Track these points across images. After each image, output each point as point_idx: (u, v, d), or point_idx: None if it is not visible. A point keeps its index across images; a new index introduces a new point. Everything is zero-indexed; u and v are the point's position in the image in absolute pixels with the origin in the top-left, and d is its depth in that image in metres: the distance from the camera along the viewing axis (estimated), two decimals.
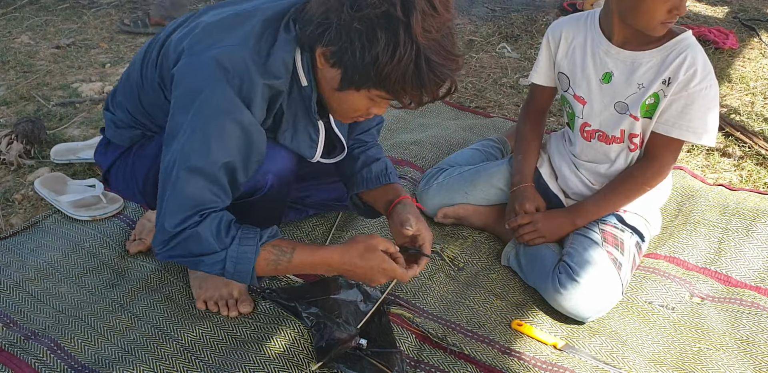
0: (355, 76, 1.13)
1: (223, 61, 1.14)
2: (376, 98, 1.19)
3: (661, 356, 1.46)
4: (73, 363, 1.38)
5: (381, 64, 1.08)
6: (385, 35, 1.07)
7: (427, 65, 1.09)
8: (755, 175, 2.18)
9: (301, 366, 1.38)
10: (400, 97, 1.16)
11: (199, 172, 1.17)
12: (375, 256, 1.26)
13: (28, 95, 2.64)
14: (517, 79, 2.94)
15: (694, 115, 1.51)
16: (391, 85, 1.12)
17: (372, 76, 1.11)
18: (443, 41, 1.11)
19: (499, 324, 1.53)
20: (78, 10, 3.66)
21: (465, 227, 1.86)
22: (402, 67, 1.08)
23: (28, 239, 1.79)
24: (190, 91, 1.17)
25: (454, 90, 1.19)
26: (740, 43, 3.34)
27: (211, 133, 1.15)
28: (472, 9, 3.89)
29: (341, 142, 1.47)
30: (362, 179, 1.52)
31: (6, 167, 2.13)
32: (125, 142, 1.46)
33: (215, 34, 1.20)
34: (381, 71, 1.09)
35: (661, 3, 1.40)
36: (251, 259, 1.20)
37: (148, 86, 1.32)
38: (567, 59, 1.67)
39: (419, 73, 1.10)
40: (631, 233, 1.62)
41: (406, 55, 1.07)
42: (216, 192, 1.20)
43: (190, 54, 1.19)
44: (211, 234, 1.18)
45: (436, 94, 1.17)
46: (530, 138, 1.80)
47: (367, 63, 1.09)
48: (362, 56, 1.09)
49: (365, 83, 1.14)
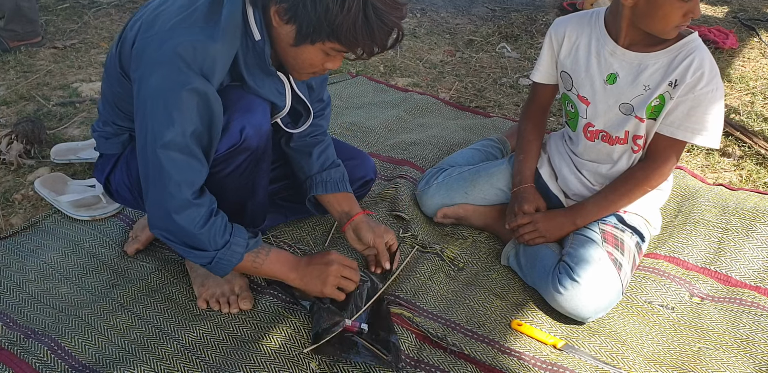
0: (309, 29, 1.20)
1: (174, 46, 1.18)
2: (330, 51, 1.25)
3: (660, 355, 1.46)
4: (74, 363, 1.38)
5: (332, 14, 1.15)
6: None
7: (375, 13, 1.17)
8: (755, 175, 2.18)
9: (301, 365, 1.38)
10: (353, 48, 1.23)
11: (173, 147, 1.23)
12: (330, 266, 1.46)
13: (28, 95, 2.64)
14: (517, 79, 2.95)
15: (700, 117, 1.51)
16: (343, 35, 1.19)
17: (325, 28, 1.18)
18: None
19: (499, 324, 1.53)
20: (78, 10, 3.66)
21: (465, 227, 1.86)
22: (352, 16, 1.15)
23: (28, 240, 1.79)
24: (145, 75, 1.22)
25: (401, 38, 1.25)
26: (740, 42, 3.34)
27: (171, 107, 1.20)
28: (472, 9, 3.90)
29: (306, 107, 1.52)
30: (321, 182, 1.63)
31: (6, 167, 2.13)
32: (117, 149, 1.50)
33: (163, 20, 1.23)
34: (333, 22, 1.16)
35: (678, 8, 1.39)
36: (234, 263, 1.35)
37: (116, 85, 1.37)
38: (570, 58, 1.66)
39: (368, 20, 1.17)
40: (632, 233, 1.62)
41: (355, 4, 1.15)
42: (194, 165, 1.27)
43: (145, 38, 1.23)
44: (210, 237, 1.30)
45: (385, 44, 1.23)
46: (531, 138, 1.80)
47: (319, 15, 1.16)
48: (314, 9, 1.16)
49: (319, 36, 1.21)
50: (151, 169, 1.25)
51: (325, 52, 1.25)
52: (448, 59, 3.18)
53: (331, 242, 1.78)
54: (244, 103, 1.34)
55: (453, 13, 3.82)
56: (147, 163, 1.26)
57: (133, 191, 1.50)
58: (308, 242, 1.77)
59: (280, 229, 1.80)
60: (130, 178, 1.49)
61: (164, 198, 1.26)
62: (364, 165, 1.78)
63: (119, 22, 3.51)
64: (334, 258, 1.48)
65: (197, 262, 1.34)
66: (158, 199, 1.27)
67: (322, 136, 1.67)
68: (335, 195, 1.64)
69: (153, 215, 1.31)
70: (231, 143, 1.33)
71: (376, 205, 1.91)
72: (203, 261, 1.33)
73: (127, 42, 1.29)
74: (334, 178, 1.64)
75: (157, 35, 1.21)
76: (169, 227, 1.29)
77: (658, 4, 1.41)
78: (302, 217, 1.84)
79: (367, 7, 1.16)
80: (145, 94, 1.22)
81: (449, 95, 2.80)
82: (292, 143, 1.65)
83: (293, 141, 1.65)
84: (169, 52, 1.18)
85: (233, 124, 1.32)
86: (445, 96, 2.79)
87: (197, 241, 1.30)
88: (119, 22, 3.52)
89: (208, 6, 1.23)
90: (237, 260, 1.35)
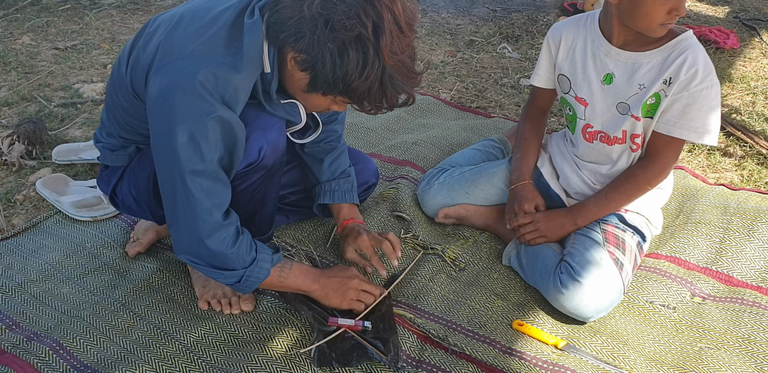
0: (324, 84, 1.22)
1: (196, 74, 1.17)
2: (339, 102, 1.29)
3: (662, 355, 1.46)
4: (76, 363, 1.38)
5: (350, 79, 1.18)
6: (356, 55, 1.15)
7: (391, 83, 1.20)
8: (756, 174, 2.18)
9: (302, 366, 1.38)
10: (362, 106, 1.26)
11: (201, 174, 1.23)
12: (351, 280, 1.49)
13: (29, 96, 2.64)
14: (518, 80, 2.95)
15: (696, 114, 1.51)
16: (357, 96, 1.22)
17: (340, 87, 1.20)
18: (406, 61, 1.20)
19: (500, 324, 1.53)
20: (79, 10, 3.67)
21: (466, 227, 1.86)
22: (369, 83, 1.18)
23: (29, 240, 1.79)
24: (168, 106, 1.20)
25: (411, 102, 1.28)
26: (741, 42, 3.34)
27: (197, 136, 1.20)
28: (472, 9, 3.90)
29: (315, 119, 1.53)
30: (330, 191, 1.67)
31: (8, 168, 2.14)
32: (123, 161, 1.50)
33: (183, 45, 1.22)
34: (349, 85, 1.19)
35: (660, 5, 1.39)
36: (261, 279, 1.36)
37: (125, 102, 1.36)
38: (567, 61, 1.67)
39: (383, 88, 1.20)
40: (633, 232, 1.62)
41: (374, 73, 1.17)
42: (222, 189, 1.28)
43: (163, 65, 1.21)
44: (239, 256, 1.31)
45: (394, 105, 1.26)
46: (530, 137, 1.80)
47: (336, 77, 1.18)
48: (333, 70, 1.17)
49: (332, 91, 1.24)
50: (180, 197, 1.25)
51: (334, 101, 1.29)
52: (449, 60, 3.19)
53: (333, 243, 1.78)
54: (261, 121, 1.34)
55: (454, 14, 3.82)
56: (174, 191, 1.25)
57: (140, 203, 1.50)
58: (309, 242, 1.78)
59: (281, 230, 1.80)
60: (138, 190, 1.48)
61: (196, 224, 1.26)
62: (367, 170, 1.80)
63: (120, 23, 3.52)
64: (355, 273, 1.51)
65: (226, 282, 1.34)
66: (189, 225, 1.27)
67: (335, 143, 1.68)
68: (341, 204, 1.68)
69: (183, 241, 1.31)
70: (249, 162, 1.34)
71: (378, 205, 1.91)
72: (232, 280, 1.33)
73: (141, 65, 1.27)
74: (342, 188, 1.68)
75: (176, 62, 1.20)
76: (200, 252, 1.29)
77: (640, 1, 1.41)
78: (303, 218, 1.85)
79: (384, 76, 1.18)
80: (170, 125, 1.20)
81: (450, 96, 2.80)
82: (306, 149, 1.66)
83: (307, 146, 1.66)
84: (191, 80, 1.17)
85: (252, 143, 1.32)
86: (446, 96, 2.79)
87: (227, 261, 1.30)
88: (120, 23, 3.53)
89: (228, 31, 1.22)
90: (264, 276, 1.35)
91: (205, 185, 1.24)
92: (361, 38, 1.13)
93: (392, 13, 1.14)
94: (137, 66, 1.28)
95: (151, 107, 1.23)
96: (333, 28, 1.13)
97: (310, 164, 1.68)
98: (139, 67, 1.28)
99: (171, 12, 1.32)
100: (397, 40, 1.16)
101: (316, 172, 1.68)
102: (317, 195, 1.69)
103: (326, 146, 1.66)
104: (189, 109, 1.18)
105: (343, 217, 1.68)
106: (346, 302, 1.48)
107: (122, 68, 1.34)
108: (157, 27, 1.29)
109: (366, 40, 1.13)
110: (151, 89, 1.22)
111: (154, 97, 1.21)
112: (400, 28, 1.16)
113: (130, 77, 1.31)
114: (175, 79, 1.19)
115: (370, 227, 1.82)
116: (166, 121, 1.20)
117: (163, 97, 1.19)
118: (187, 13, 1.27)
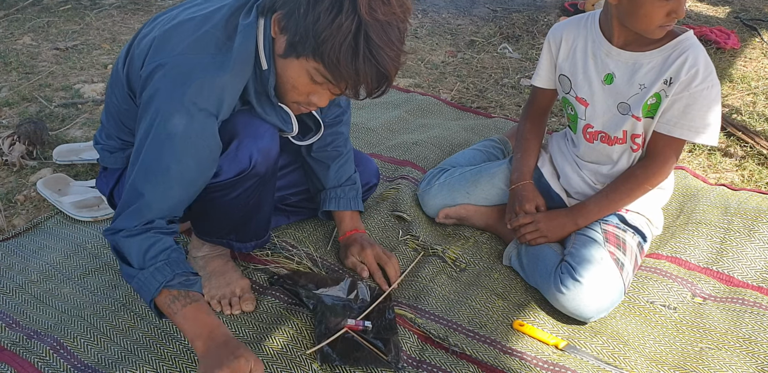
0: (296, 38, 1.15)
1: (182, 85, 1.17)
2: (315, 75, 1.19)
3: (662, 355, 1.46)
4: (76, 363, 1.38)
5: (320, 26, 1.10)
6: (330, 2, 1.09)
7: (365, 41, 1.11)
8: (757, 175, 2.18)
9: (303, 366, 1.38)
10: (336, 75, 1.16)
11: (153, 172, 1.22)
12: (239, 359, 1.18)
13: (30, 96, 2.65)
14: (519, 80, 2.95)
15: (696, 114, 1.51)
16: (327, 54, 1.12)
17: (311, 39, 1.12)
18: (387, 27, 1.13)
19: (500, 324, 1.53)
20: (80, 11, 3.67)
21: (466, 228, 1.86)
22: (340, 34, 1.10)
23: (30, 241, 1.79)
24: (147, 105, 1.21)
25: (386, 87, 1.20)
26: (742, 43, 3.34)
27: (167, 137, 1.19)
28: (473, 9, 3.90)
29: (316, 121, 1.51)
30: (335, 198, 1.67)
31: (8, 168, 2.14)
32: (122, 163, 1.49)
33: (174, 42, 1.22)
34: (319, 34, 1.11)
35: (659, 7, 1.40)
36: (150, 291, 1.21)
37: (122, 102, 1.36)
38: (568, 62, 1.67)
39: (356, 46, 1.11)
40: (633, 233, 1.62)
41: (346, 22, 1.09)
42: (168, 193, 1.24)
43: (153, 61, 1.21)
44: (138, 250, 1.21)
45: (371, 85, 1.18)
46: (530, 137, 1.80)
47: (308, 23, 1.11)
48: (305, 16, 1.12)
49: (304, 48, 1.15)
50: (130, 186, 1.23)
51: (310, 74, 1.20)
52: (449, 60, 3.19)
53: (333, 244, 1.78)
54: (253, 128, 1.32)
55: (454, 14, 3.82)
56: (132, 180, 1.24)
57: None
58: (309, 243, 1.78)
59: (282, 230, 1.80)
60: None
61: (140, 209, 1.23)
62: (368, 171, 1.80)
63: (121, 24, 3.52)
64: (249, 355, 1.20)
65: (127, 280, 1.25)
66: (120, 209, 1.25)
67: (342, 148, 1.67)
68: (345, 212, 1.69)
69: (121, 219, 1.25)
70: (240, 169, 1.32)
71: (378, 205, 1.91)
72: (129, 280, 1.24)
73: (136, 60, 1.27)
74: (348, 196, 1.68)
75: (166, 60, 1.20)
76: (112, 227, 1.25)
77: (639, 3, 1.41)
78: (304, 218, 1.85)
79: (359, 31, 1.10)
80: (146, 123, 1.21)
81: (451, 96, 2.80)
82: (313, 153, 1.65)
83: (313, 151, 1.65)
84: (178, 83, 1.17)
85: (242, 150, 1.31)
86: (446, 97, 2.79)
87: (128, 252, 1.22)
88: (121, 23, 3.53)
89: (221, 29, 1.22)
90: (153, 289, 1.20)
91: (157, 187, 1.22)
92: None
93: None
94: (132, 64, 1.29)
95: (139, 104, 1.25)
96: None
97: (316, 170, 1.68)
98: (134, 65, 1.28)
99: (169, 11, 1.33)
100: (379, 2, 1.11)
101: (322, 178, 1.68)
102: (322, 201, 1.69)
103: (333, 152, 1.66)
104: (167, 111, 1.18)
105: (346, 226, 1.69)
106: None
107: (119, 67, 1.34)
108: (154, 26, 1.30)
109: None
110: (140, 87, 1.23)
111: (142, 94, 1.22)
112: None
113: (126, 76, 1.32)
114: (164, 79, 1.19)
115: (371, 227, 1.82)
116: (145, 118, 1.21)
117: (150, 95, 1.20)
118: (184, 12, 1.28)
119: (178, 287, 1.21)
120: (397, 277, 1.61)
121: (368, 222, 1.83)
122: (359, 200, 1.71)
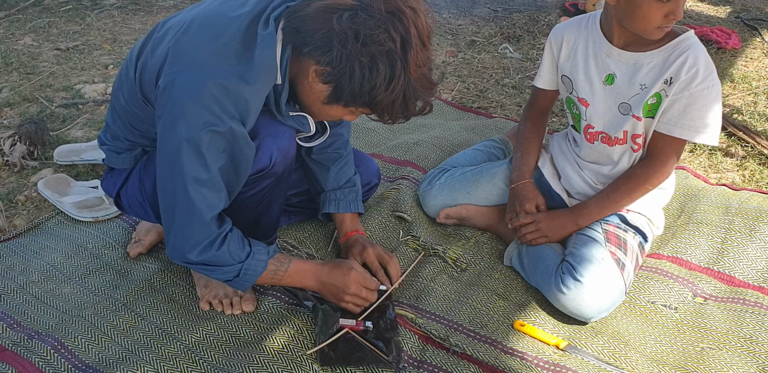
0: (347, 97, 1.24)
1: (205, 85, 1.17)
2: (356, 112, 1.32)
3: (663, 355, 1.46)
4: (77, 362, 1.38)
5: (376, 92, 1.21)
6: (385, 69, 1.18)
7: (413, 94, 1.24)
8: (758, 175, 2.18)
9: (303, 366, 1.38)
10: (381, 116, 1.29)
11: (204, 184, 1.25)
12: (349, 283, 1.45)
13: (31, 97, 2.65)
14: (519, 80, 2.95)
15: (696, 114, 1.51)
16: (380, 108, 1.25)
17: (365, 99, 1.23)
18: (427, 73, 1.25)
19: (501, 324, 1.53)
20: (81, 11, 3.67)
21: (467, 228, 1.86)
22: (394, 96, 1.22)
23: (31, 241, 1.79)
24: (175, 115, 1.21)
25: (428, 111, 1.32)
26: (743, 42, 3.33)
27: (202, 147, 1.21)
28: (474, 9, 3.90)
29: (322, 123, 1.53)
30: (335, 200, 1.69)
31: (9, 168, 2.14)
32: (129, 164, 1.49)
33: (191, 50, 1.21)
34: (374, 98, 1.22)
35: (657, 8, 1.40)
36: (259, 272, 1.36)
37: (133, 106, 1.36)
38: (569, 62, 1.67)
39: (405, 101, 1.24)
40: (634, 233, 1.62)
41: (400, 86, 1.20)
42: (221, 198, 1.30)
43: (172, 72, 1.21)
44: (230, 253, 1.32)
45: (412, 115, 1.30)
46: (530, 137, 1.80)
47: (363, 89, 1.21)
48: (360, 83, 1.20)
49: (354, 103, 1.26)
50: (180, 204, 1.26)
51: (352, 112, 1.31)
52: (450, 60, 3.19)
53: (334, 244, 1.78)
54: (273, 128, 1.35)
55: (455, 14, 3.82)
56: (174, 198, 1.27)
57: (145, 206, 1.50)
58: (310, 243, 1.78)
59: (282, 230, 1.80)
60: (144, 193, 1.48)
61: (192, 232, 1.28)
62: (369, 171, 1.80)
63: (122, 24, 3.52)
64: (354, 276, 1.46)
65: (224, 278, 1.35)
66: (184, 232, 1.28)
67: (342, 150, 1.68)
68: (345, 214, 1.70)
69: (177, 245, 1.31)
70: (260, 167, 1.35)
71: (379, 206, 1.91)
72: (230, 275, 1.34)
73: (149, 70, 1.27)
74: (348, 198, 1.69)
75: (186, 71, 1.20)
76: (190, 258, 1.30)
77: (637, 4, 1.42)
78: (305, 218, 1.85)
79: (408, 89, 1.21)
80: (176, 133, 1.21)
81: (451, 96, 2.80)
82: (313, 155, 1.66)
83: (314, 153, 1.66)
84: (201, 92, 1.17)
85: (263, 149, 1.33)
86: (447, 97, 2.79)
87: (219, 260, 1.31)
88: (122, 23, 3.53)
89: (240, 41, 1.21)
90: (262, 268, 1.35)
91: (207, 196, 1.26)
92: (390, 52, 1.17)
93: (417, 27, 1.18)
94: (146, 71, 1.28)
95: (159, 116, 1.24)
96: (364, 43, 1.15)
97: (316, 172, 1.68)
98: (147, 73, 1.28)
99: (180, 16, 1.31)
100: (421, 54, 1.20)
101: (322, 181, 1.68)
102: (322, 203, 1.70)
103: (333, 154, 1.66)
104: (196, 119, 1.19)
105: (346, 228, 1.70)
106: (341, 305, 1.48)
107: (131, 73, 1.33)
108: (166, 31, 1.28)
109: (394, 54, 1.17)
110: (160, 97, 1.22)
111: (162, 105, 1.22)
112: (422, 42, 1.20)
113: (140, 83, 1.31)
114: (185, 90, 1.19)
115: (371, 227, 1.82)
116: (173, 129, 1.21)
117: (172, 105, 1.20)
118: (198, 19, 1.25)
119: (273, 254, 1.40)
120: (398, 277, 1.61)
121: (369, 222, 1.83)
122: (359, 202, 1.71)
